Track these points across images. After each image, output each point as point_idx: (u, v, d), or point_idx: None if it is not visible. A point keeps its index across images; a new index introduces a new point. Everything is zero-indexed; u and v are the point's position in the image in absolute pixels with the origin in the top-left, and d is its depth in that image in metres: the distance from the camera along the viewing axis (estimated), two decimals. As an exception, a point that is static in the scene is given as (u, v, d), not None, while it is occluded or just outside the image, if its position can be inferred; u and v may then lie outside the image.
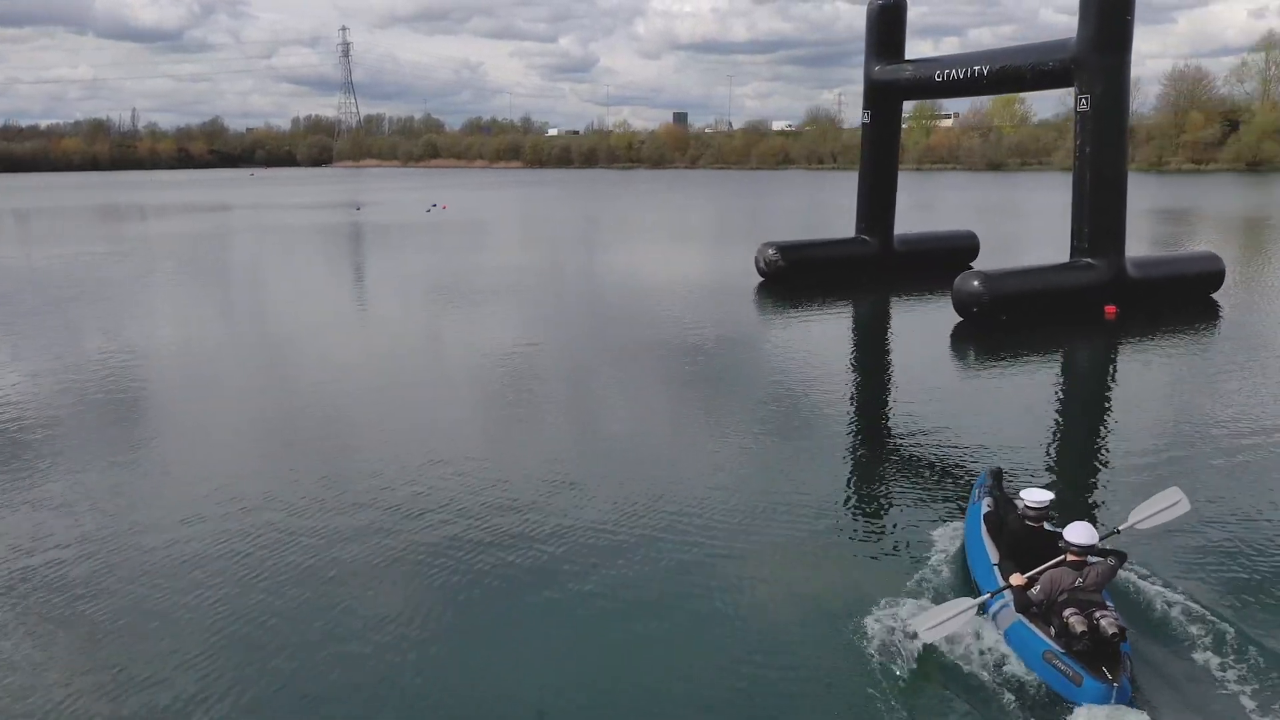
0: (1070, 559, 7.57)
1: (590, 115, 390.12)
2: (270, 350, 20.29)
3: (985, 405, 15.38)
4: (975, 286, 21.34)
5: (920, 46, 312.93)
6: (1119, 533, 8.56)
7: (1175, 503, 8.61)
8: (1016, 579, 7.70)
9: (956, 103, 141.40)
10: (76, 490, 11.58)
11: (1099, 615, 7.10)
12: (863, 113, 29.44)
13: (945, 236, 32.79)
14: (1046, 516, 8.41)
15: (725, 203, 74.19)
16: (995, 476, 10.13)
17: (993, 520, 9.00)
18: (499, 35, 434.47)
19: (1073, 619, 7.10)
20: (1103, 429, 14.18)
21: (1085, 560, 7.55)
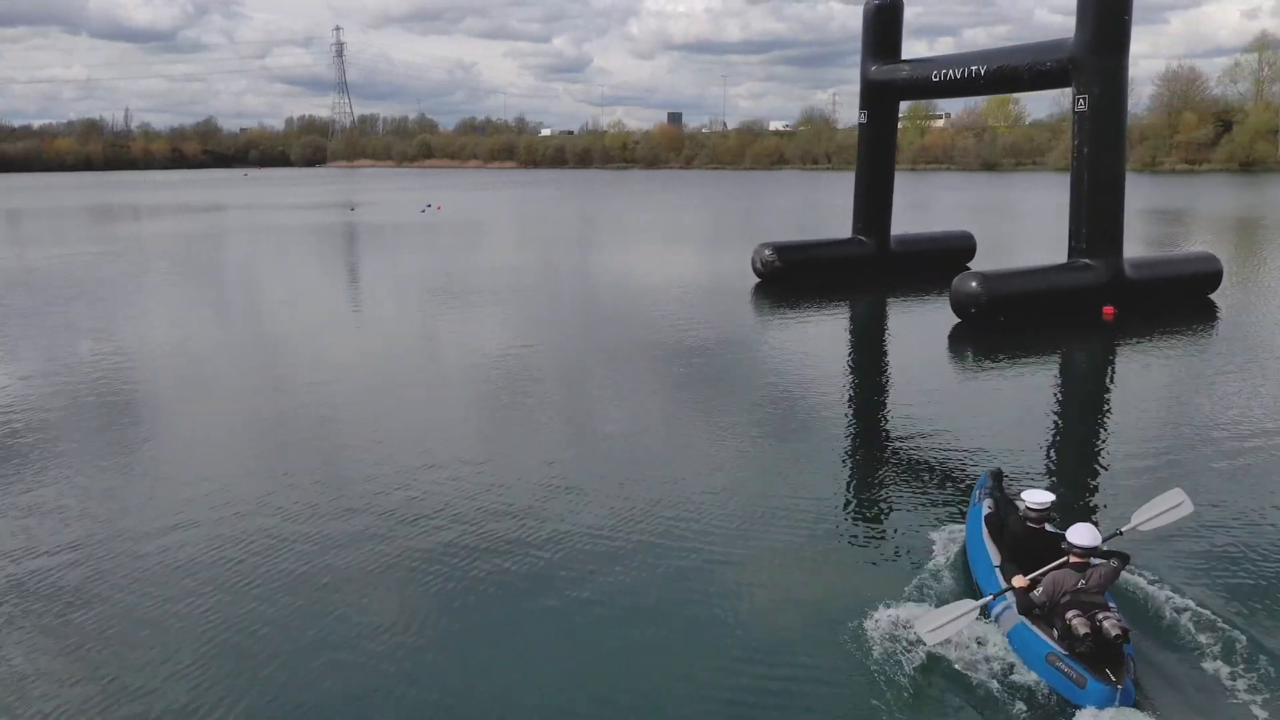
0: (1073, 560, 7.55)
1: (584, 115, 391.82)
2: (264, 352, 20.16)
3: (984, 406, 15.32)
4: (973, 287, 21.29)
5: (915, 47, 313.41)
6: (1121, 534, 8.50)
7: (1178, 504, 8.54)
8: (1019, 581, 7.65)
9: (950, 103, 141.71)
10: (67, 495, 11.46)
11: (1102, 617, 7.07)
12: (860, 113, 29.39)
13: (942, 237, 32.76)
14: (1048, 518, 8.38)
15: (720, 203, 74.15)
16: (996, 478, 10.09)
17: (994, 522, 8.94)
18: (493, 35, 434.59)
19: (1076, 621, 7.06)
20: (1102, 430, 14.12)
21: (1088, 562, 7.53)
